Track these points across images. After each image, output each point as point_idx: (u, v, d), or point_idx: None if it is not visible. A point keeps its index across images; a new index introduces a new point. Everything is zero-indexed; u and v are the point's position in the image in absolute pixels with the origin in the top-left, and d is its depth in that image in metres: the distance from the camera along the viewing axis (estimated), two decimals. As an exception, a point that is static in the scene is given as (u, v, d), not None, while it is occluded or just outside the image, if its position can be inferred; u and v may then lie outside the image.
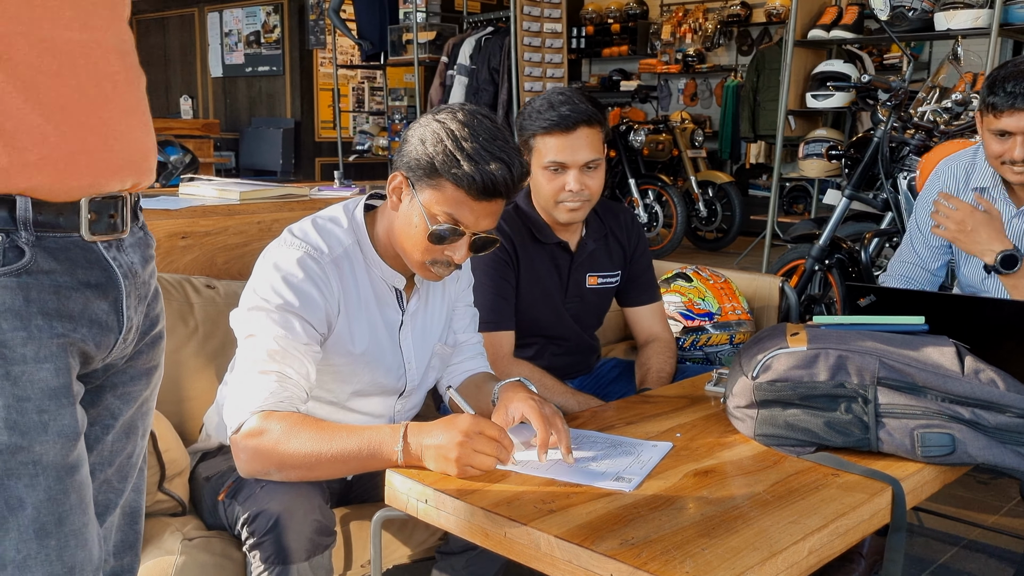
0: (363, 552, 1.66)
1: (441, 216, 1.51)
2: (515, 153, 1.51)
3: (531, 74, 6.60)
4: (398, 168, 1.56)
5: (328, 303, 1.55)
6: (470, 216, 1.51)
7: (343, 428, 1.45)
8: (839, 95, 5.26)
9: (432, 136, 1.50)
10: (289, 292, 1.52)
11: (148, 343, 1.14)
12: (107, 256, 1.02)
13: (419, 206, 1.52)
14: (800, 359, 1.50)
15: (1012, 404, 1.43)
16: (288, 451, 1.41)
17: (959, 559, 2.45)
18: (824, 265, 3.64)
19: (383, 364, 1.66)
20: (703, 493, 1.33)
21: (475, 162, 1.46)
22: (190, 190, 2.46)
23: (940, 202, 2.22)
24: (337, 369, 1.62)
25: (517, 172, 1.50)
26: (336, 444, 1.41)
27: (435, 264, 1.56)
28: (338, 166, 8.40)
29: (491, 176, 1.46)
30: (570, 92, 2.00)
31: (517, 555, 1.23)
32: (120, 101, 1.02)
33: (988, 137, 2.14)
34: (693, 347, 2.52)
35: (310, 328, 1.52)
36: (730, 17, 9.51)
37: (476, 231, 1.54)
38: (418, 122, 1.55)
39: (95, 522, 1.03)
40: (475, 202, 1.50)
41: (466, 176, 1.46)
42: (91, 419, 1.08)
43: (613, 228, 2.25)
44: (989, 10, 4.44)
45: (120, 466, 1.14)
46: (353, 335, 1.61)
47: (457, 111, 1.52)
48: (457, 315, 1.82)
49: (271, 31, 9.57)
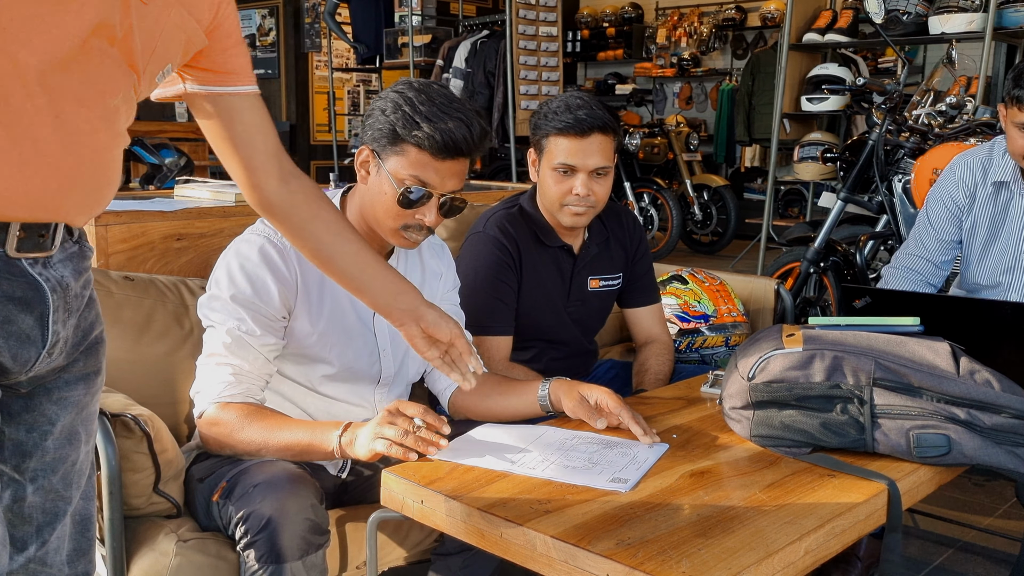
0: (358, 554, 1.65)
1: (408, 180, 1.58)
2: (473, 114, 1.58)
3: (526, 77, 6.61)
4: (364, 143, 1.63)
5: (284, 286, 1.61)
6: (435, 176, 1.58)
7: (289, 423, 1.58)
8: (834, 98, 5.27)
9: (391, 104, 1.58)
10: (243, 280, 1.59)
11: (85, 351, 1.14)
12: (32, 272, 1.01)
13: (386, 173, 1.59)
14: (796, 360, 1.51)
15: (1007, 405, 1.44)
16: (239, 440, 1.55)
17: (954, 561, 2.45)
18: (819, 268, 3.65)
19: (351, 347, 1.70)
20: (699, 494, 1.33)
21: (433, 122, 1.54)
22: (185, 192, 2.46)
23: None
24: (304, 351, 1.67)
25: (476, 130, 1.57)
26: (281, 436, 1.54)
27: (408, 229, 1.63)
28: (333, 169, 8.40)
29: (451, 134, 1.54)
30: (588, 98, 2.01)
31: (513, 556, 1.23)
32: (78, 148, 1.01)
33: (1012, 130, 2.14)
34: (689, 349, 2.52)
35: (263, 319, 1.60)
36: (725, 21, 9.52)
37: (443, 192, 1.60)
38: (377, 96, 1.63)
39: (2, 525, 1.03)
40: (439, 162, 1.57)
41: (427, 136, 1.54)
42: (27, 425, 1.09)
43: (615, 230, 2.26)
44: (983, 14, 4.45)
45: (65, 474, 1.13)
46: (313, 315, 1.66)
47: (413, 82, 1.61)
48: None
49: (266, 34, 9.57)
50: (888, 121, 3.52)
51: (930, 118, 3.57)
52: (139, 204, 2.27)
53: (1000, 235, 2.28)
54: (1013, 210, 2.26)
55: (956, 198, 2.33)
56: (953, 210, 2.34)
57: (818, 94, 5.35)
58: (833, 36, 5.29)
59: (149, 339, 1.85)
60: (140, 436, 1.51)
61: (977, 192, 2.30)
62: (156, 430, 1.53)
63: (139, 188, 3.58)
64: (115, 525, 1.46)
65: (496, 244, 2.05)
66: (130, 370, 1.82)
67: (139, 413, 1.52)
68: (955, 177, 2.33)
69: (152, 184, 3.66)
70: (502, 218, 2.10)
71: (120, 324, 1.82)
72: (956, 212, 2.34)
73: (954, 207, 2.33)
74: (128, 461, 1.50)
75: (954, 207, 2.33)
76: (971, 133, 3.27)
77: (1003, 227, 2.28)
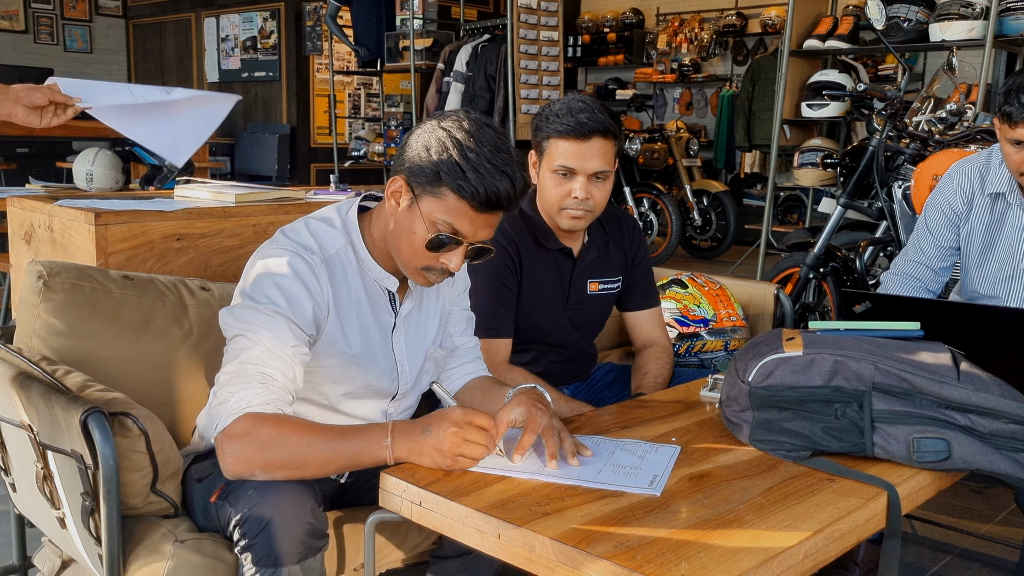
0: (356, 555, 1.65)
1: (440, 224, 1.50)
2: (518, 167, 1.51)
3: (527, 82, 6.61)
4: (399, 172, 1.54)
5: (317, 304, 1.55)
6: (469, 227, 1.51)
7: (329, 428, 1.46)
8: (834, 105, 5.27)
9: (437, 144, 1.49)
10: (277, 293, 1.51)
11: None
12: None
13: (418, 213, 1.51)
14: (796, 364, 1.50)
15: (1007, 410, 1.43)
16: (273, 452, 1.40)
17: (953, 567, 2.45)
18: (819, 273, 3.65)
19: (375, 366, 1.66)
20: (698, 497, 1.33)
21: (480, 174, 1.46)
22: (185, 192, 2.46)
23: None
24: (329, 371, 1.61)
25: (520, 186, 1.50)
26: (323, 445, 1.41)
27: (430, 271, 1.56)
28: (333, 172, 8.40)
29: (495, 189, 1.47)
30: (591, 101, 2.00)
31: (511, 557, 1.23)
32: None
33: (1006, 146, 2.13)
34: (688, 353, 2.52)
35: (297, 330, 1.52)
36: (726, 27, 9.54)
37: (474, 241, 1.54)
38: (422, 127, 1.54)
39: None
40: (476, 214, 1.49)
41: (471, 188, 1.46)
42: None
43: (615, 234, 2.25)
44: (984, 21, 4.46)
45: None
46: (347, 336, 1.61)
47: (463, 119, 1.52)
48: (453, 319, 1.82)
49: (268, 37, 9.58)
50: (888, 127, 3.53)
51: (930, 124, 3.58)
52: (139, 204, 2.27)
53: (997, 245, 2.28)
54: (1010, 223, 2.26)
55: (954, 205, 2.33)
56: (951, 217, 2.34)
57: (818, 100, 5.36)
58: (834, 42, 5.29)
59: (148, 339, 1.85)
60: (138, 435, 1.50)
61: (974, 200, 2.30)
62: (154, 429, 1.53)
63: (139, 189, 3.60)
64: (112, 524, 1.45)
65: (496, 246, 2.05)
66: (128, 369, 1.81)
67: (137, 412, 1.52)
68: (953, 184, 2.33)
69: (152, 185, 3.67)
70: (502, 220, 2.09)
71: (119, 323, 1.82)
72: (954, 219, 2.34)
73: (952, 214, 2.34)
74: (126, 460, 1.49)
75: (952, 214, 2.34)
76: (971, 140, 3.27)
77: (1000, 237, 2.28)
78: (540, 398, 1.59)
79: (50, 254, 2.21)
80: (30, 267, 1.83)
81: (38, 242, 2.29)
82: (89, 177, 3.26)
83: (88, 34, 10.41)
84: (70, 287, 1.81)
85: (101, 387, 1.62)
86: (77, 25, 10.30)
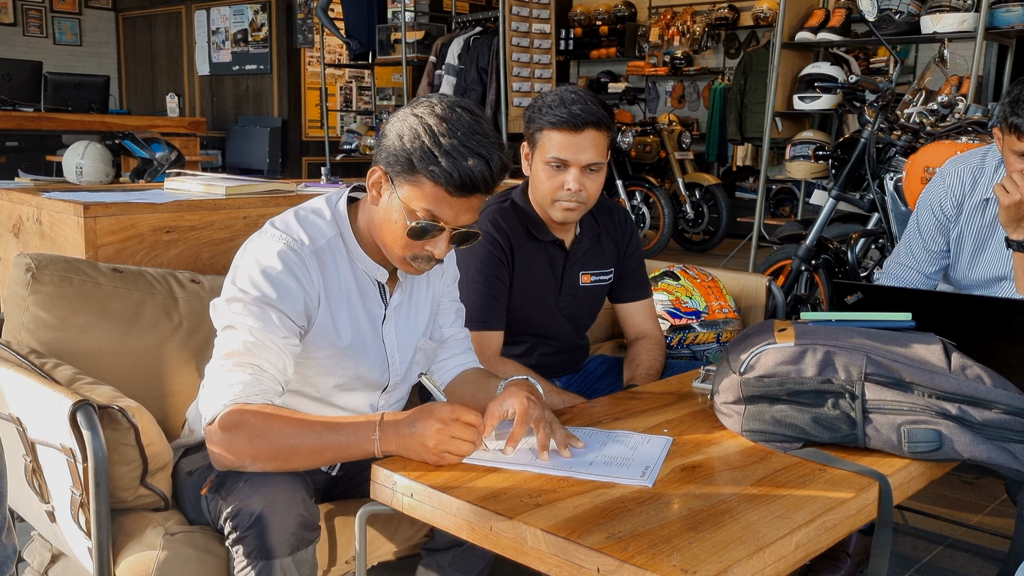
0: (348, 548, 1.64)
1: (420, 212, 1.50)
2: (494, 147, 1.49)
3: (519, 74, 6.60)
4: (377, 162, 1.54)
5: (308, 295, 1.54)
6: (449, 212, 1.50)
7: (319, 421, 1.45)
8: (826, 97, 5.27)
9: (410, 131, 1.48)
10: (267, 284, 1.51)
11: None
12: None
13: (398, 201, 1.51)
14: (788, 355, 1.50)
15: (998, 400, 1.44)
16: (262, 443, 1.40)
17: (944, 558, 2.46)
18: (811, 265, 3.65)
19: (366, 358, 1.65)
20: (690, 488, 1.33)
21: (453, 158, 1.45)
22: (175, 184, 2.45)
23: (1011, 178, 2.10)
24: (320, 362, 1.61)
25: (496, 167, 1.48)
26: (312, 436, 1.41)
27: (416, 259, 1.56)
28: (325, 165, 8.38)
29: (469, 172, 1.45)
30: (584, 93, 1.99)
31: (503, 549, 1.22)
32: None
33: (1011, 157, 2.07)
34: (680, 345, 2.52)
35: (288, 321, 1.51)
36: (718, 20, 9.54)
37: (456, 226, 1.53)
38: (396, 115, 1.54)
39: None
40: (454, 198, 1.48)
41: (444, 173, 1.45)
42: None
43: (606, 226, 2.25)
44: (975, 14, 4.47)
45: None
46: (337, 328, 1.60)
47: (436, 104, 1.50)
48: (443, 310, 1.81)
49: (259, 29, 9.53)
50: (880, 119, 3.52)
51: (922, 116, 3.58)
52: (129, 196, 2.25)
53: (987, 249, 2.27)
54: (1000, 230, 2.23)
55: (944, 208, 2.32)
56: (941, 219, 2.33)
57: (810, 92, 5.36)
58: (826, 35, 5.29)
59: (137, 331, 1.84)
60: (127, 428, 1.50)
61: (964, 203, 2.28)
62: (143, 422, 1.52)
63: (129, 182, 3.58)
64: (102, 518, 1.44)
65: (488, 238, 2.04)
66: (118, 362, 1.80)
67: (126, 405, 1.51)
68: (944, 185, 2.31)
69: (143, 178, 3.64)
70: (494, 212, 2.09)
71: (108, 316, 1.81)
72: (944, 221, 2.32)
73: (942, 216, 2.32)
74: (115, 453, 1.48)
75: (942, 216, 2.32)
76: (962, 131, 3.27)
77: (991, 242, 2.27)
78: (532, 390, 1.58)
79: (39, 247, 2.19)
80: (18, 259, 1.81)
81: (27, 235, 2.27)
82: (79, 170, 3.23)
83: (78, 27, 10.35)
84: (59, 280, 1.80)
85: (90, 380, 1.62)
86: (66, 17, 10.24)
